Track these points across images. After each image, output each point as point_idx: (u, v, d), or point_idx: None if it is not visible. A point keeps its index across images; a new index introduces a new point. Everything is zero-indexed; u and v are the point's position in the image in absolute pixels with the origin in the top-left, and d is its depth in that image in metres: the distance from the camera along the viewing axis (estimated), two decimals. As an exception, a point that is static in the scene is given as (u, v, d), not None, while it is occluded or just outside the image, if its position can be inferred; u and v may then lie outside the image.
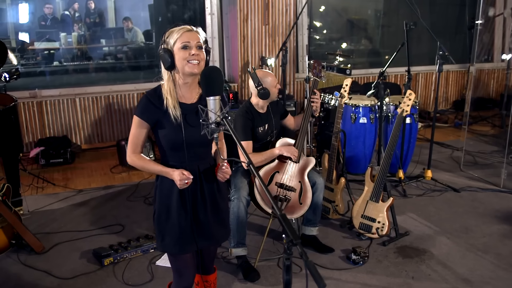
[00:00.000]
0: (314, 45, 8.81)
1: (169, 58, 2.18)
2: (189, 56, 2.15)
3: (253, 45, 6.60)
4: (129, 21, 9.50)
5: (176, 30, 2.20)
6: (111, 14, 10.33)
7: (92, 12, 9.68)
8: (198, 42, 2.19)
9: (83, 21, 9.46)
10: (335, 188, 4.03)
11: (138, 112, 2.25)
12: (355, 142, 4.97)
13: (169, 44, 2.20)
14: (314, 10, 8.67)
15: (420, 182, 4.86)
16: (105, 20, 9.97)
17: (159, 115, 2.23)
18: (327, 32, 8.92)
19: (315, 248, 3.64)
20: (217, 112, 1.96)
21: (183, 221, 2.30)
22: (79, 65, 8.55)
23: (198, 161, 2.30)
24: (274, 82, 3.47)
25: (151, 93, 2.26)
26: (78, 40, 9.17)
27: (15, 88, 6.10)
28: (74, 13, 9.52)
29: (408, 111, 3.76)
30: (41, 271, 3.40)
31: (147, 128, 2.27)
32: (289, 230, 1.59)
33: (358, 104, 4.89)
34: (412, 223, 4.05)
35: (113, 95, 6.25)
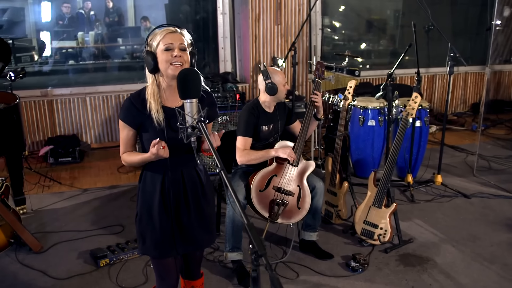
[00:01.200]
0: (331, 45, 8.71)
1: (152, 60, 2.14)
2: (172, 58, 2.10)
3: (265, 45, 6.53)
4: (147, 20, 9.52)
5: (159, 32, 2.15)
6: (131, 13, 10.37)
7: (112, 11, 9.74)
8: (182, 44, 2.14)
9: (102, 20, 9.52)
10: (338, 192, 3.94)
11: (122, 115, 2.21)
12: (363, 145, 4.86)
13: (152, 46, 2.16)
14: (334, 10, 8.57)
15: (430, 187, 4.72)
16: (125, 19, 10.01)
17: (142, 119, 2.19)
18: (345, 32, 8.80)
19: (314, 254, 3.56)
20: (194, 116, 1.91)
21: (165, 224, 2.25)
22: (94, 64, 8.59)
23: (182, 166, 2.24)
24: (283, 81, 3.41)
25: (135, 96, 2.22)
26: (95, 39, 9.24)
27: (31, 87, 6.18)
28: (88, 11, 9.59)
29: (414, 115, 3.65)
30: (37, 270, 3.40)
31: (133, 131, 2.23)
32: (255, 240, 1.51)
33: (367, 106, 4.78)
34: (417, 229, 3.93)
35: (123, 95, 6.25)
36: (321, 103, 3.51)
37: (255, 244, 1.52)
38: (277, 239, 3.79)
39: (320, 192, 3.46)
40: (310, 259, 3.52)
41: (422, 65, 7.78)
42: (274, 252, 3.62)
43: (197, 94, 1.93)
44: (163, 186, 2.24)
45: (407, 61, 9.02)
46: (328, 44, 8.76)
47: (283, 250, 3.65)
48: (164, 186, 2.24)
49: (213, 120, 2.39)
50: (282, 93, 3.42)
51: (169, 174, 2.24)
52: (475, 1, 8.67)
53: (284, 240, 3.76)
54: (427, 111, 4.78)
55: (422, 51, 8.29)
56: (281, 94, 3.42)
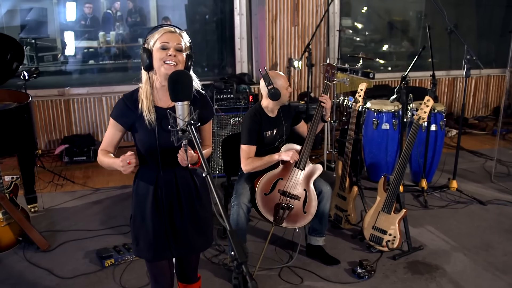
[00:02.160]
0: (353, 47, 8.62)
1: (148, 58, 2.12)
2: (166, 57, 2.08)
3: (282, 46, 6.49)
4: (168, 20, 9.55)
5: (158, 30, 2.14)
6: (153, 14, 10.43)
7: (134, 12, 9.81)
8: (179, 44, 2.12)
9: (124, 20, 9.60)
10: (348, 196, 3.87)
11: (113, 114, 2.20)
12: (377, 149, 4.77)
13: (149, 44, 2.14)
14: (357, 11, 8.48)
15: (444, 193, 4.61)
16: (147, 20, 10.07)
17: (134, 119, 2.17)
18: (368, 33, 8.70)
19: (320, 259, 3.50)
20: (185, 118, 1.88)
21: (157, 227, 2.24)
22: (114, 64, 8.66)
23: (175, 168, 2.22)
24: (285, 84, 3.37)
25: (128, 96, 2.21)
26: (116, 39, 9.32)
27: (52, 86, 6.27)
28: (116, 12, 9.68)
29: (425, 119, 3.55)
30: (43, 269, 3.43)
31: (121, 131, 2.22)
32: (236, 248, 1.48)
33: (381, 109, 4.69)
34: (428, 236, 3.83)
35: (139, 94, 6.28)
36: (330, 105, 3.46)
37: (236, 252, 1.48)
38: (284, 243, 3.74)
39: (327, 197, 3.40)
40: (316, 264, 3.46)
41: (444, 67, 7.67)
42: (280, 256, 3.58)
43: (189, 97, 1.90)
44: (156, 187, 2.23)
45: (429, 63, 8.88)
46: (349, 45, 8.68)
47: (289, 254, 3.60)
48: (156, 188, 2.23)
49: (208, 120, 2.36)
50: (285, 97, 3.37)
51: (161, 175, 2.22)
52: (500, 1, 8.47)
53: (291, 244, 3.72)
54: (443, 115, 4.67)
55: (444, 53, 8.14)
56: (284, 98, 3.37)
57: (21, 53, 4.22)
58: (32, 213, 4.28)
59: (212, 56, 7.96)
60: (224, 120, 4.93)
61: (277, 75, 3.37)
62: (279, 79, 3.34)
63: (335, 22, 6.87)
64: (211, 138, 2.43)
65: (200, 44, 8.33)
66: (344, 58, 7.44)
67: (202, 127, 2.37)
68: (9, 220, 3.54)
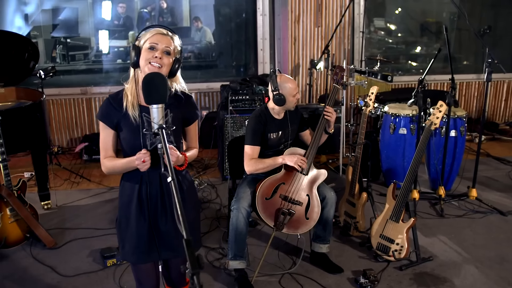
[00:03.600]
0: (384, 49, 8.45)
1: (136, 55, 2.11)
2: (152, 58, 2.07)
3: (304, 47, 6.40)
4: (198, 21, 9.60)
5: (151, 30, 2.12)
6: (186, 13, 10.51)
7: (166, 12, 9.90)
8: (167, 47, 2.10)
9: (156, 20, 9.69)
10: (357, 203, 3.76)
11: (99, 115, 2.20)
12: (393, 154, 4.63)
13: (140, 42, 2.13)
14: (390, 11, 8.32)
15: (463, 202, 4.42)
16: (178, 19, 10.14)
17: (119, 117, 2.17)
18: (400, 35, 8.52)
19: (323, 267, 3.41)
20: (159, 122, 1.84)
21: (142, 229, 2.22)
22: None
23: (160, 170, 2.18)
24: (293, 90, 3.27)
25: (113, 96, 2.20)
26: (145, 38, 9.41)
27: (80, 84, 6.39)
28: (151, 11, 9.79)
29: (437, 124, 3.41)
30: (47, 266, 3.47)
31: (112, 132, 2.21)
32: (189, 258, 1.43)
33: (399, 113, 4.54)
34: (440, 247, 3.68)
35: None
36: (334, 117, 3.36)
37: (189, 262, 1.43)
38: (289, 249, 3.67)
39: (331, 203, 3.30)
40: (319, 272, 3.37)
41: (476, 70, 7.39)
42: (283, 262, 3.50)
43: (163, 100, 1.87)
44: (140, 188, 2.21)
45: (464, 66, 8.58)
46: (380, 47, 8.50)
47: (292, 260, 3.52)
48: (141, 189, 2.21)
49: (192, 122, 2.32)
50: (291, 103, 3.29)
51: (146, 178, 2.19)
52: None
53: (295, 249, 3.64)
54: (464, 120, 4.48)
55: (477, 56, 7.86)
56: (290, 105, 3.29)
57: (36, 53, 4.29)
58: (45, 210, 4.35)
59: (238, 56, 7.94)
60: (238, 122, 4.89)
61: (286, 81, 3.27)
62: (288, 85, 3.25)
63: (360, 23, 6.72)
64: (197, 139, 2.40)
65: (226, 45, 8.34)
66: (370, 60, 7.29)
67: (187, 129, 2.34)
68: (16, 217, 3.60)
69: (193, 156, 2.35)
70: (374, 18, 8.49)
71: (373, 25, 8.54)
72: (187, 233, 1.50)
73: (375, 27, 8.61)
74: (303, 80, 6.48)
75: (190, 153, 2.34)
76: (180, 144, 2.28)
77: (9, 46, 4.19)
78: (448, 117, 4.24)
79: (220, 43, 8.60)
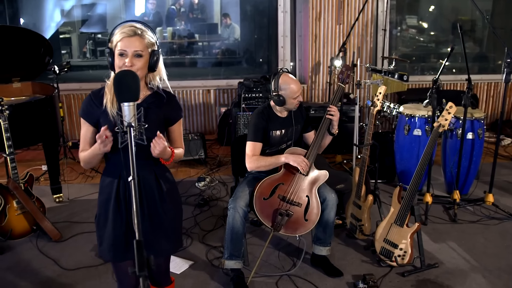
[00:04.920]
0: (415, 47, 8.28)
1: (111, 59, 2.09)
2: (123, 66, 2.04)
3: (325, 45, 6.30)
4: (227, 17, 9.60)
5: (119, 31, 2.08)
6: (217, 9, 10.53)
7: (196, 8, 9.95)
8: (136, 51, 2.06)
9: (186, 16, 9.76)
10: (363, 205, 3.67)
11: (81, 111, 2.21)
12: (407, 156, 4.49)
13: (112, 44, 2.10)
14: (424, 9, 8.14)
15: (479, 207, 4.25)
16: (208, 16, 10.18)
17: (99, 114, 2.16)
18: (431, 33, 8.32)
19: (323, 270, 3.33)
20: (130, 120, 1.82)
21: (118, 228, 2.21)
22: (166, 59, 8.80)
23: (139, 170, 2.16)
24: (294, 93, 3.19)
25: (95, 92, 2.20)
26: (173, 34, 9.49)
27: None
28: (180, 8, 9.85)
29: (446, 126, 3.28)
30: (50, 259, 3.52)
31: (92, 128, 2.20)
32: (137, 259, 1.40)
33: (414, 113, 4.41)
34: (448, 253, 3.55)
35: (179, 91, 6.36)
36: (337, 117, 3.27)
37: (137, 263, 1.40)
38: (291, 250, 3.61)
39: (331, 205, 3.22)
40: (318, 275, 3.30)
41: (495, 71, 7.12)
42: (283, 263, 3.45)
43: (134, 98, 1.84)
44: (118, 187, 2.20)
45: (497, 65, 8.29)
46: (411, 45, 8.32)
47: (293, 261, 3.46)
48: (119, 187, 2.20)
49: (175, 121, 2.30)
50: (291, 105, 3.22)
51: (124, 177, 2.18)
52: None
53: (297, 251, 3.57)
54: (482, 122, 4.30)
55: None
56: (290, 106, 3.23)
57: (50, 48, 4.36)
58: (56, 203, 4.42)
59: (261, 53, 7.91)
60: (250, 119, 4.84)
61: (290, 82, 3.18)
62: (290, 87, 3.17)
63: (385, 21, 6.56)
64: (181, 139, 2.38)
65: (250, 42, 8.31)
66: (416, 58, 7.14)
67: (170, 129, 2.32)
68: (23, 209, 3.66)
69: (179, 155, 2.33)
70: (406, 16, 8.31)
71: (405, 22, 8.36)
72: (139, 234, 1.46)
73: (407, 25, 8.42)
74: (323, 78, 6.38)
75: (178, 151, 2.32)
76: None
77: (25, 43, 4.27)
78: (464, 119, 4.08)
79: (245, 40, 8.58)
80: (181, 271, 3.35)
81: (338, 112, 3.27)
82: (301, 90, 3.25)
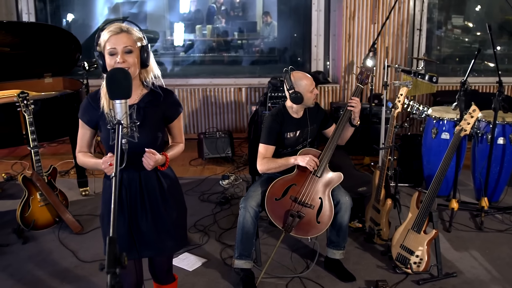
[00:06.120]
0: (459, 48, 8.03)
1: (102, 62, 2.11)
2: (115, 64, 2.04)
3: (359, 44, 6.18)
4: (268, 15, 9.59)
5: (105, 32, 2.09)
6: (259, 7, 10.55)
7: (237, 6, 9.99)
8: (126, 47, 2.06)
9: (225, 14, 9.81)
10: (382, 209, 3.58)
11: (79, 113, 2.23)
12: (435, 160, 4.34)
13: (101, 46, 2.11)
14: (470, 9, 7.89)
15: (508, 215, 4.07)
16: (250, 14, 10.20)
17: (97, 117, 2.18)
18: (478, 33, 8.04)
19: (336, 274, 3.27)
20: (122, 117, 1.84)
21: (121, 228, 2.23)
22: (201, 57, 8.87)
23: (140, 169, 2.18)
24: (309, 86, 3.18)
25: (93, 95, 2.22)
26: (212, 32, 9.55)
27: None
28: (220, 6, 9.93)
29: (468, 131, 3.16)
30: (69, 250, 3.61)
31: (90, 130, 2.23)
32: (108, 256, 1.41)
33: (442, 116, 4.26)
34: (469, 262, 3.41)
35: (211, 88, 6.39)
36: (359, 108, 3.22)
37: (106, 260, 1.41)
38: (306, 252, 3.56)
39: (345, 208, 3.16)
40: (330, 279, 3.25)
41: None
42: (296, 265, 3.41)
43: (126, 96, 1.85)
44: (120, 190, 2.21)
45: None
46: (455, 46, 8.07)
47: (306, 264, 3.42)
48: (121, 188, 2.22)
49: (174, 118, 2.30)
50: (309, 100, 3.19)
51: (125, 175, 2.20)
52: None
53: (311, 253, 3.52)
54: (514, 127, 4.12)
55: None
56: (308, 101, 3.19)
57: (80, 45, 4.47)
58: (82, 196, 4.54)
59: (297, 52, 7.85)
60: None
61: (302, 77, 3.18)
62: (303, 82, 3.16)
63: (422, 20, 6.38)
64: (182, 135, 2.39)
65: (286, 40, 8.26)
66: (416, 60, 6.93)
67: (170, 126, 2.33)
68: (46, 201, 3.78)
69: (177, 153, 2.35)
70: (452, 15, 8.06)
71: (450, 22, 8.11)
72: (113, 231, 1.48)
73: (452, 25, 8.17)
74: (356, 78, 6.27)
75: (174, 151, 2.33)
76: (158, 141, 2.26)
77: (56, 40, 4.40)
78: (494, 123, 3.91)
79: (281, 39, 8.54)
80: (193, 269, 3.37)
81: (359, 104, 3.21)
82: (314, 83, 3.21)
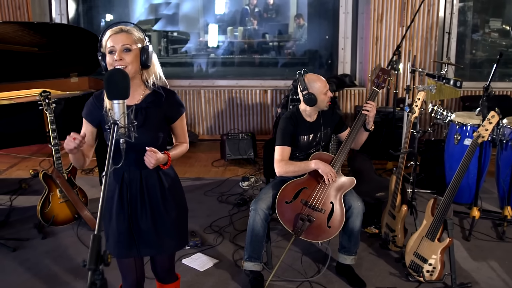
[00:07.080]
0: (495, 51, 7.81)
1: (104, 62, 2.16)
2: (114, 62, 2.09)
3: (387, 47, 6.10)
4: (300, 18, 9.58)
5: (107, 32, 2.14)
6: (293, 10, 10.54)
7: (271, 8, 10.01)
8: (124, 45, 2.10)
9: (259, 15, 9.84)
10: (397, 215, 3.52)
11: (84, 112, 2.28)
12: (457, 166, 4.18)
13: (103, 47, 2.16)
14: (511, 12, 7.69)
15: (532, 226, 3.94)
16: (283, 16, 10.20)
17: (101, 117, 2.22)
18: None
19: (347, 279, 3.23)
20: (120, 117, 1.87)
21: (122, 226, 2.27)
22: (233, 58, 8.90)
23: (141, 167, 2.21)
24: (323, 88, 3.16)
25: (97, 94, 2.26)
26: (244, 34, 9.60)
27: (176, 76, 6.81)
28: (254, 7, 9.97)
29: (486, 137, 3.07)
30: (86, 246, 3.68)
31: (92, 129, 2.27)
32: (90, 252, 1.44)
33: (465, 122, 4.15)
34: (486, 273, 3.31)
35: (237, 90, 6.42)
36: (374, 113, 3.17)
37: (89, 257, 1.44)
38: (318, 256, 3.53)
39: (356, 213, 3.12)
40: (341, 284, 3.21)
41: None
42: (307, 269, 3.38)
43: (123, 96, 1.88)
44: (121, 186, 2.25)
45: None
46: (490, 50, 7.86)
47: (318, 268, 3.39)
48: (122, 186, 2.25)
49: (176, 119, 2.32)
50: (323, 102, 3.16)
51: (126, 174, 2.23)
52: None
53: (323, 257, 3.48)
54: (540, 133, 3.98)
55: None
56: (322, 104, 3.16)
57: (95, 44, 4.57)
58: (103, 193, 4.62)
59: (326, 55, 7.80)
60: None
61: (315, 79, 3.16)
62: (316, 84, 3.14)
63: (451, 23, 6.23)
64: (185, 134, 2.41)
65: (315, 42, 8.22)
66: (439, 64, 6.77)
67: (173, 126, 2.35)
68: (65, 198, 3.87)
69: (180, 152, 2.37)
70: (490, 19, 7.86)
71: (487, 26, 7.91)
72: (99, 228, 1.51)
73: (490, 28, 7.96)
74: (383, 82, 6.18)
75: (177, 151, 2.35)
76: (159, 141, 2.28)
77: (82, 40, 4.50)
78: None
79: (311, 41, 8.51)
80: (204, 269, 3.39)
81: (375, 108, 3.16)
82: (327, 85, 3.18)
